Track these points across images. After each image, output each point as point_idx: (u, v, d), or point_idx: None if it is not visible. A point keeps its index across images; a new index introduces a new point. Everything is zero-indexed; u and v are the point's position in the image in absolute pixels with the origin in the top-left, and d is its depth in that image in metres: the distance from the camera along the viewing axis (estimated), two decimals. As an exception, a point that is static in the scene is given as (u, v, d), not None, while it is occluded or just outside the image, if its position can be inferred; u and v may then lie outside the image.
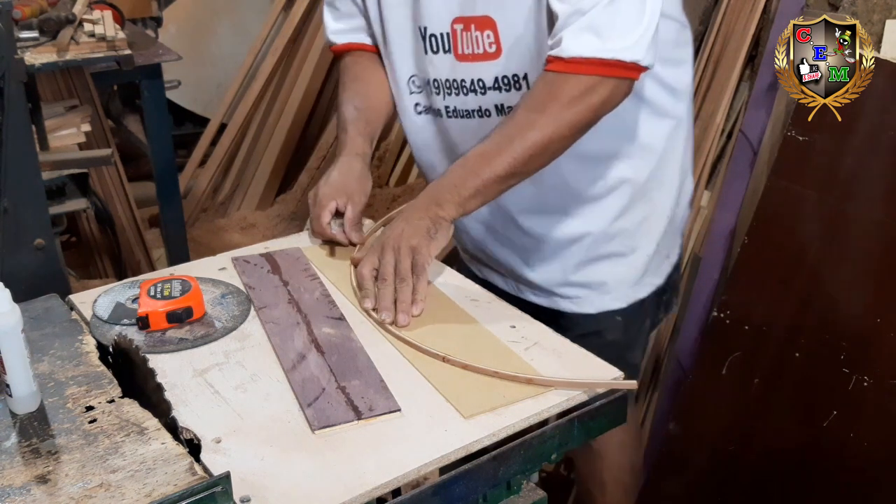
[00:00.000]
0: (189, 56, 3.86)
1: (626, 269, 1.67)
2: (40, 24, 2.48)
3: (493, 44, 1.47)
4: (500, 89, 1.50)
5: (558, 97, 1.34)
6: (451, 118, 1.58)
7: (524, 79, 1.47)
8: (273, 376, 1.22)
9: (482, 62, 1.49)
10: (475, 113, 1.54)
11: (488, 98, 1.52)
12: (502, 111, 1.51)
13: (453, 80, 1.54)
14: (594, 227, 1.62)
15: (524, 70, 1.46)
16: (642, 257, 1.66)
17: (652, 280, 1.71)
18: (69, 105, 2.90)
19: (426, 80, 1.58)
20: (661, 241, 1.68)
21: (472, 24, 1.47)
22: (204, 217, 4.12)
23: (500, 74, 1.49)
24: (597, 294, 1.67)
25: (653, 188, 1.62)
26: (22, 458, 1.00)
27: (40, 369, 1.15)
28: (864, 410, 1.98)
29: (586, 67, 1.32)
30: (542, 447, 1.15)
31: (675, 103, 1.58)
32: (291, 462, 1.05)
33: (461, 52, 1.51)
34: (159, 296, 1.32)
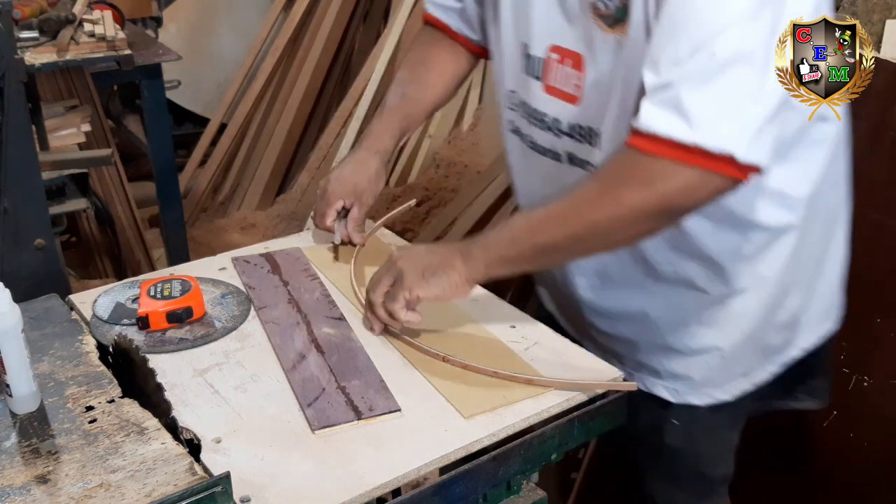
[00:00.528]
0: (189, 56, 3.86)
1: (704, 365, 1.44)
2: (40, 24, 2.48)
3: (579, 86, 1.31)
4: (573, 136, 1.34)
5: (627, 177, 1.15)
6: (530, 149, 1.44)
7: (597, 135, 1.31)
8: (273, 376, 1.22)
9: (564, 101, 1.34)
10: (548, 153, 1.40)
11: (562, 142, 1.36)
12: (573, 162, 1.36)
13: (536, 111, 1.40)
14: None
15: (599, 125, 1.30)
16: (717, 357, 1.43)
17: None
18: (69, 105, 2.90)
19: (521, 100, 1.43)
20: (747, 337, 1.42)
21: (567, 58, 1.31)
22: (204, 217, 4.13)
23: (575, 121, 1.33)
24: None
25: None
26: (22, 458, 1.00)
27: (40, 369, 1.15)
28: (864, 411, 1.98)
29: (666, 150, 1.11)
30: (542, 447, 1.15)
31: (782, 212, 1.32)
32: (291, 462, 1.05)
33: (549, 84, 1.36)
34: (159, 296, 1.32)
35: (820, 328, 1.49)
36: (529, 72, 1.39)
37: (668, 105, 1.10)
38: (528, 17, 1.35)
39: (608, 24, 1.23)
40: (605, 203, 1.17)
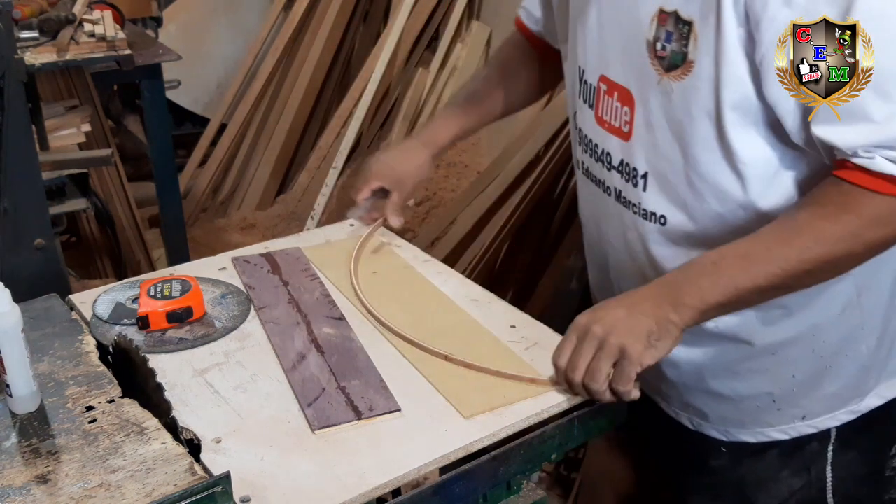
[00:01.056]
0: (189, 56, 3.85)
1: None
2: (40, 24, 2.48)
3: (628, 123, 1.27)
4: (620, 174, 1.31)
5: (858, 212, 1.10)
6: (584, 176, 1.42)
7: (643, 177, 1.27)
8: (273, 376, 1.22)
9: (614, 136, 1.31)
10: (600, 184, 1.37)
11: (611, 177, 1.33)
12: (619, 198, 1.32)
13: (590, 140, 1.36)
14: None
15: (645, 168, 1.27)
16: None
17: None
18: (69, 105, 2.90)
19: (576, 124, 1.41)
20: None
21: (616, 91, 1.28)
22: (204, 217, 4.13)
23: (624, 158, 1.30)
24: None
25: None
26: (22, 458, 1.00)
27: (40, 369, 1.15)
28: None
29: (890, 187, 1.08)
30: (542, 447, 1.15)
31: None
32: (291, 462, 1.05)
33: (600, 115, 1.33)
34: (159, 296, 1.32)
35: (886, 390, 1.40)
36: (585, 98, 1.36)
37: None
38: (586, 40, 1.32)
39: (664, 66, 1.20)
40: (837, 237, 1.12)
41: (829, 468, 1.40)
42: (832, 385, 1.36)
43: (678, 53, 1.18)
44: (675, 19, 1.17)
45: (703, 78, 1.16)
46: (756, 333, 1.31)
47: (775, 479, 1.42)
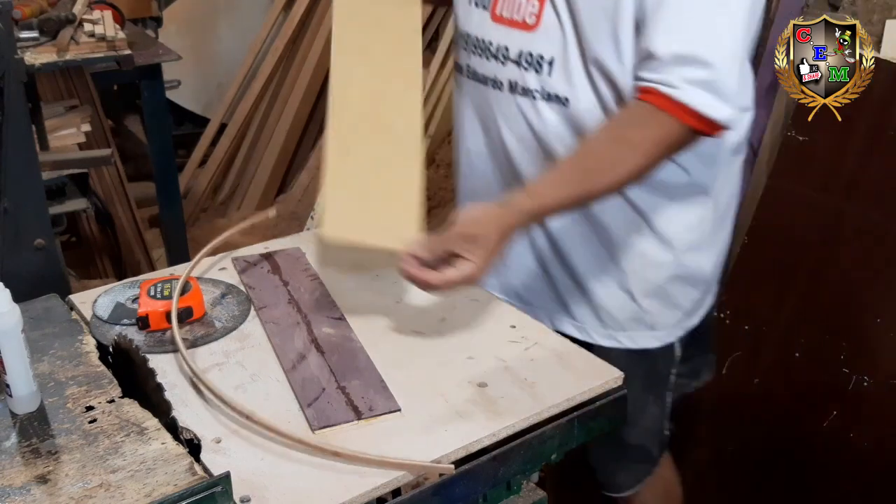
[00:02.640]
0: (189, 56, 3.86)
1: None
2: (40, 24, 2.48)
3: (535, 15, 1.40)
4: (519, 64, 1.43)
5: (657, 139, 1.29)
6: (467, 79, 1.53)
7: (549, 63, 1.40)
8: (273, 376, 1.22)
9: (515, 30, 1.43)
10: (489, 81, 1.48)
11: (506, 70, 1.45)
12: (514, 90, 1.44)
13: (481, 40, 1.48)
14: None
15: (552, 54, 1.40)
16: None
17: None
18: (69, 105, 2.90)
19: (462, 31, 1.53)
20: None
21: None
22: (204, 217, 4.12)
23: (526, 49, 1.42)
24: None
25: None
26: (22, 458, 1.00)
27: (40, 369, 1.15)
28: (864, 411, 1.98)
29: (691, 119, 1.27)
30: (542, 447, 1.15)
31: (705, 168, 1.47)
32: (291, 462, 1.05)
33: (498, 13, 1.45)
34: (159, 296, 1.32)
35: (710, 301, 1.64)
36: (479, 2, 1.48)
37: (706, 85, 1.25)
38: None
39: None
40: (636, 163, 1.30)
41: (668, 392, 1.62)
42: (680, 294, 1.54)
43: None
44: None
45: None
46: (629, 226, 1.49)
47: (642, 412, 1.59)
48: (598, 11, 1.34)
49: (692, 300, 1.56)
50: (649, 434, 1.63)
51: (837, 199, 2.02)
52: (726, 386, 2.17)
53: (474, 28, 1.49)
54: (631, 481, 1.68)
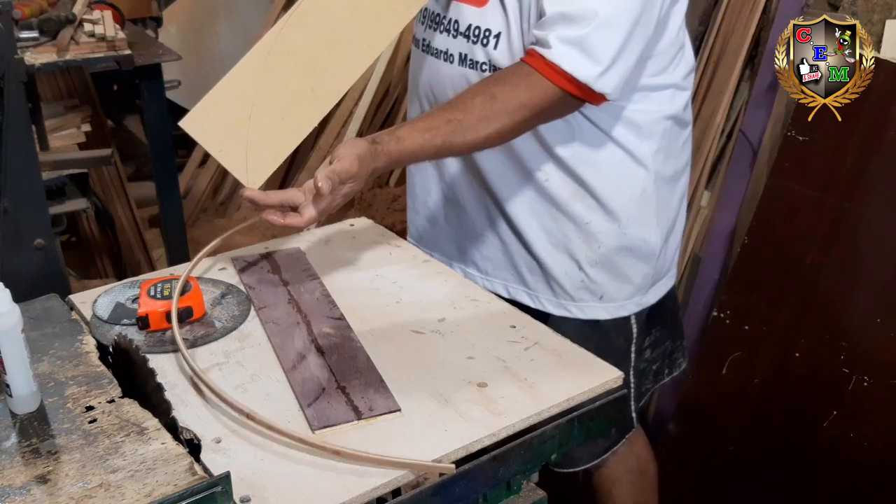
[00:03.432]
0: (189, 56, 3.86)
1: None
2: (40, 24, 2.48)
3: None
4: (468, 38, 1.49)
5: (525, 100, 1.35)
6: (422, 52, 1.59)
7: (495, 37, 1.46)
8: (273, 376, 1.22)
9: (465, 4, 1.49)
10: (441, 54, 1.54)
11: (456, 43, 1.51)
12: (464, 62, 1.50)
13: (436, 14, 1.54)
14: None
15: (499, 29, 1.45)
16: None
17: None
18: (69, 105, 2.90)
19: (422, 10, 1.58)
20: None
21: None
22: (204, 217, 4.12)
23: (475, 24, 1.48)
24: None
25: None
26: (22, 458, 1.00)
27: (40, 369, 1.15)
28: (864, 410, 1.98)
29: (561, 79, 1.34)
30: (541, 447, 1.15)
31: (639, 142, 1.52)
32: (291, 462, 1.05)
33: None
34: (159, 296, 1.32)
35: (668, 283, 1.69)
36: None
37: (576, 43, 1.32)
38: None
39: None
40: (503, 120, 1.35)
41: (631, 372, 1.66)
42: (627, 265, 1.58)
43: None
44: None
45: None
46: (575, 198, 1.54)
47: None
48: None
49: (642, 275, 1.60)
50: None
51: (837, 199, 2.02)
52: (726, 386, 2.17)
53: (431, 3, 1.55)
54: (585, 456, 1.70)
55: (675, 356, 1.79)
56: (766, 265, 2.14)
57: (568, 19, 1.33)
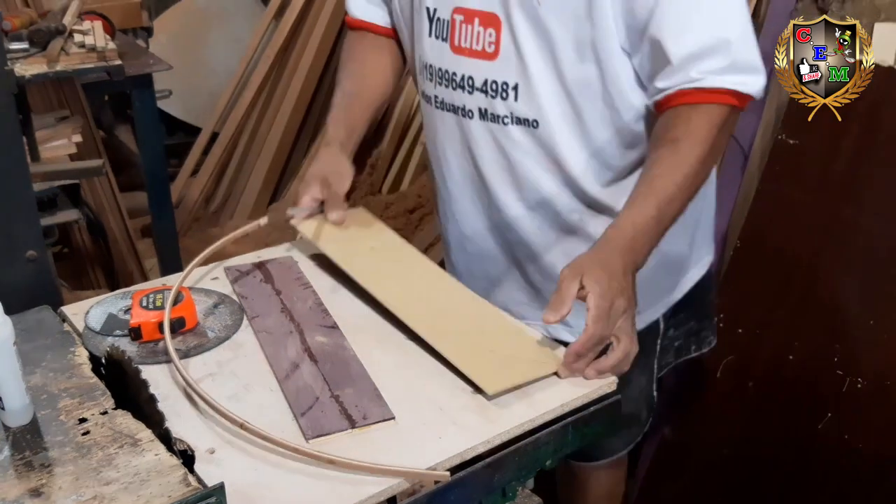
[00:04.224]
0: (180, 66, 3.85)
1: None
2: (30, 35, 2.48)
3: (493, 44, 1.42)
4: (486, 93, 1.45)
5: (711, 125, 1.32)
6: (437, 109, 1.55)
7: (514, 89, 1.42)
8: (266, 386, 1.22)
9: (476, 60, 1.44)
10: (459, 111, 1.50)
11: (473, 99, 1.47)
12: (485, 116, 1.47)
13: (444, 71, 1.50)
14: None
15: (515, 80, 1.42)
16: None
17: None
18: (60, 116, 2.90)
19: (424, 63, 1.54)
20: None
21: (476, 17, 1.42)
22: (196, 226, 4.12)
23: (490, 77, 1.44)
24: None
25: None
26: (15, 471, 1.00)
27: (33, 382, 1.14)
28: (858, 413, 1.98)
29: (726, 97, 1.32)
30: (536, 453, 1.15)
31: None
32: (286, 472, 1.05)
33: (457, 44, 1.46)
34: (152, 306, 1.32)
35: (698, 272, 1.67)
36: (436, 35, 1.48)
37: (728, 68, 1.30)
38: None
39: None
40: (708, 153, 1.32)
41: (655, 360, 1.65)
42: (658, 280, 1.56)
43: None
44: None
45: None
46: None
47: (629, 383, 1.55)
48: (570, 21, 1.34)
49: (673, 280, 1.60)
50: (637, 401, 1.67)
51: (829, 202, 2.03)
52: (721, 389, 2.17)
53: (436, 59, 1.51)
54: (620, 446, 1.73)
55: (703, 334, 1.77)
56: (758, 269, 2.15)
57: (704, 55, 1.30)
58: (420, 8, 1.51)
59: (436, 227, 3.22)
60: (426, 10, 1.49)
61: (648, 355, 1.64)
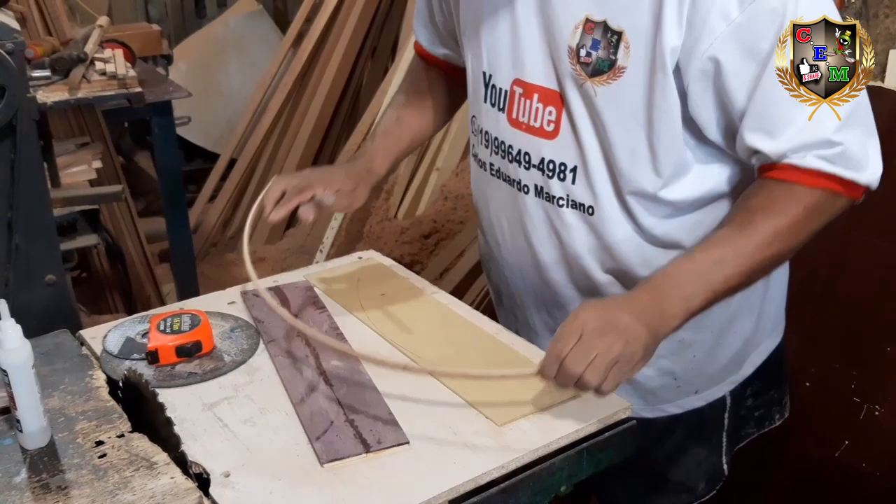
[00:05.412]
0: (199, 93, 3.90)
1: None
2: (52, 63, 2.51)
3: (553, 123, 1.33)
4: (542, 171, 1.36)
5: (800, 206, 1.21)
6: (492, 176, 1.47)
7: (572, 171, 1.34)
8: (282, 410, 1.22)
9: (535, 137, 1.36)
10: (515, 184, 1.41)
11: (531, 175, 1.38)
12: (540, 194, 1.38)
13: (501, 142, 1.42)
14: None
15: (574, 163, 1.33)
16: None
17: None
18: (80, 142, 2.93)
19: (480, 127, 1.47)
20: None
21: (536, 93, 1.34)
22: (214, 251, 4.14)
23: (548, 157, 1.35)
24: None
25: None
26: (32, 493, 1.01)
27: (51, 404, 1.15)
28: (876, 440, 1.96)
29: (821, 181, 1.20)
30: (550, 479, 1.14)
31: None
32: (300, 496, 1.05)
33: (514, 117, 1.38)
34: (169, 330, 1.33)
35: (770, 345, 1.56)
36: (493, 102, 1.41)
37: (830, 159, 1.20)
38: (496, 46, 1.37)
39: (587, 72, 1.26)
40: (791, 232, 1.23)
41: (724, 434, 1.54)
42: (722, 359, 1.48)
43: (605, 60, 1.25)
44: (604, 28, 1.23)
45: (634, 84, 1.23)
46: None
47: (684, 453, 1.54)
48: (628, 120, 1.26)
49: (739, 358, 1.50)
50: (691, 472, 1.57)
51: (844, 228, 2.02)
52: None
53: (492, 127, 1.43)
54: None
55: (784, 400, 1.67)
56: (774, 295, 2.13)
57: (804, 148, 1.19)
58: (477, 71, 1.44)
59: (451, 252, 3.23)
60: (483, 74, 1.42)
61: (714, 431, 1.54)
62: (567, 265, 1.41)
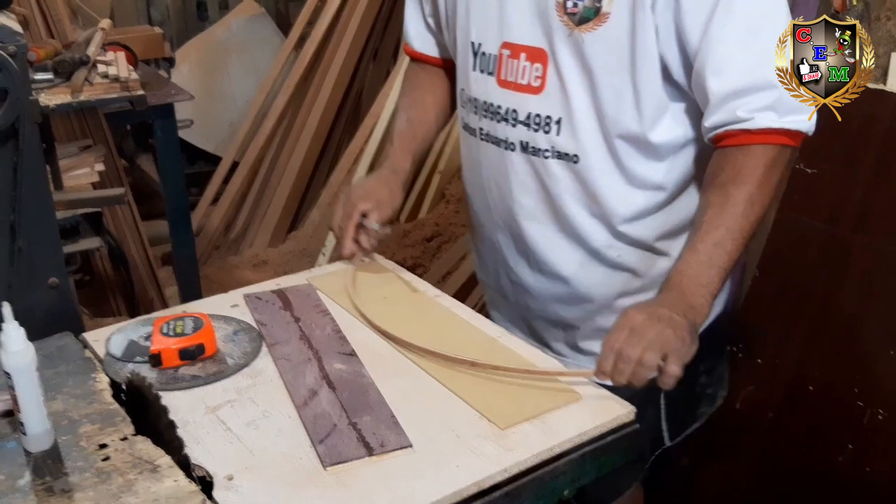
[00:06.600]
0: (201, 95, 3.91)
1: None
2: (55, 65, 2.51)
3: (539, 78, 1.45)
4: (528, 126, 1.48)
5: (761, 165, 1.33)
6: (481, 140, 1.57)
7: (556, 123, 1.45)
8: (285, 413, 1.22)
9: (521, 94, 1.47)
10: (501, 143, 1.52)
11: (517, 132, 1.49)
12: (525, 150, 1.49)
13: (489, 104, 1.53)
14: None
15: (559, 115, 1.44)
16: None
17: None
18: (83, 145, 2.93)
19: (469, 96, 1.57)
20: None
21: (522, 52, 1.45)
22: (216, 254, 4.15)
23: (534, 111, 1.47)
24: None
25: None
26: (36, 496, 1.01)
27: (54, 407, 1.15)
28: (879, 444, 1.96)
29: (771, 137, 1.32)
30: (554, 482, 1.14)
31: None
32: (303, 499, 1.05)
33: (503, 78, 1.49)
34: (172, 333, 1.33)
35: (714, 311, 1.60)
36: (482, 68, 1.52)
37: (769, 107, 1.30)
38: (486, 15, 1.49)
39: (575, 22, 1.37)
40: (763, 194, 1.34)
41: (662, 398, 1.59)
42: None
43: (590, 8, 1.36)
44: None
45: (619, 27, 1.35)
46: (649, 268, 1.54)
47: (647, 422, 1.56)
48: (614, 64, 1.37)
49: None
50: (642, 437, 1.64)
51: (846, 232, 2.02)
52: (741, 420, 2.15)
53: (481, 93, 1.54)
54: (625, 484, 1.68)
55: (725, 376, 1.76)
56: (777, 298, 2.13)
57: (749, 91, 1.30)
58: (465, 43, 1.55)
59: (453, 255, 3.23)
60: (471, 44, 1.53)
61: (652, 391, 1.61)
62: (554, 215, 1.51)
